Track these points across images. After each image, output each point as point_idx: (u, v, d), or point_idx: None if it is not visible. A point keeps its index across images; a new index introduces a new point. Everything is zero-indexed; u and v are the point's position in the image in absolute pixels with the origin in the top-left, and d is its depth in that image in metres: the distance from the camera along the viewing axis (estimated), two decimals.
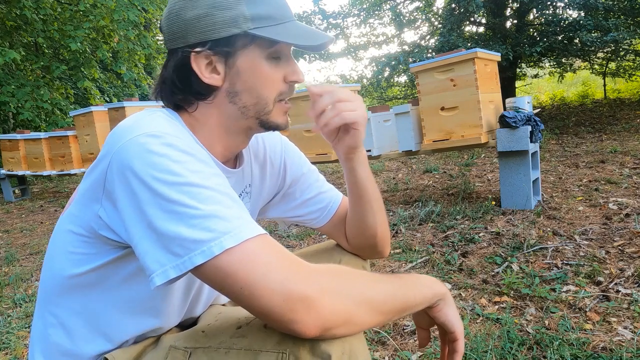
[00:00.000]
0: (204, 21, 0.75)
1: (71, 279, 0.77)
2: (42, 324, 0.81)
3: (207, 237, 0.62)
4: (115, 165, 0.67)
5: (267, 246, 0.65)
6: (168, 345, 0.78)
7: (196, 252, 0.62)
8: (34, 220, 4.63)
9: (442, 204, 3.30)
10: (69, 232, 0.77)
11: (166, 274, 0.63)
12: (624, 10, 7.37)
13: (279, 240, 2.99)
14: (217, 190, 0.66)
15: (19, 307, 2.27)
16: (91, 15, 7.62)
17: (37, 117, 7.52)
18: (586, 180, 3.57)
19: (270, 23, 0.76)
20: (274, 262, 0.63)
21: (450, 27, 7.44)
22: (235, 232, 0.63)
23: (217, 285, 0.65)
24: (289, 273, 0.63)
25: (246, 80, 0.78)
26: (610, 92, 10.14)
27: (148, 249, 0.64)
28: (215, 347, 0.75)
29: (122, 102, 4.77)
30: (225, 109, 0.80)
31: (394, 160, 5.78)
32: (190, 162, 0.66)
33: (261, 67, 0.78)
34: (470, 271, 2.14)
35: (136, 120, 0.71)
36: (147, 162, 0.65)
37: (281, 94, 0.81)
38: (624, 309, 1.66)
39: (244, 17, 0.74)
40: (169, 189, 0.64)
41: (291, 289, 0.61)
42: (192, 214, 0.63)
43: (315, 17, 9.63)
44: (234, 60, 0.77)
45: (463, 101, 3.03)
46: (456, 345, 0.81)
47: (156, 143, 0.66)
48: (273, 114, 0.81)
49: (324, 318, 0.62)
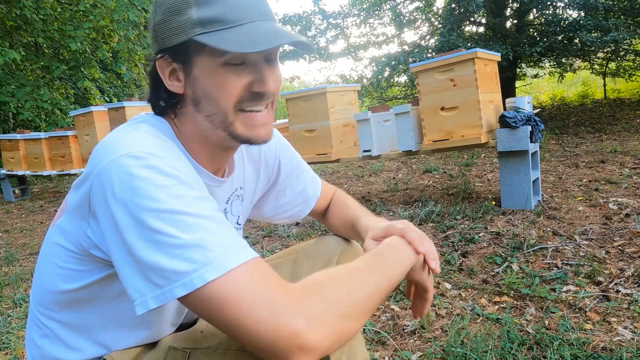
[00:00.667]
0: (162, 27, 0.73)
1: (63, 294, 0.76)
2: (36, 334, 0.80)
3: (188, 268, 0.59)
4: (96, 187, 0.65)
5: (252, 275, 0.61)
6: (167, 346, 0.78)
7: (177, 283, 0.59)
8: (34, 220, 4.63)
9: (442, 204, 3.30)
10: (58, 246, 0.75)
11: (146, 304, 0.61)
12: (624, 10, 7.36)
13: (279, 240, 2.99)
14: (200, 216, 0.63)
15: (19, 307, 2.27)
16: (91, 15, 7.62)
17: (37, 117, 7.52)
18: (586, 180, 3.57)
19: (218, 27, 0.69)
20: (258, 294, 0.59)
21: (450, 27, 7.44)
22: (218, 263, 0.60)
23: (202, 316, 0.62)
24: (275, 305, 0.59)
25: (203, 87, 0.73)
26: (610, 92, 10.14)
27: (129, 276, 0.62)
28: (214, 347, 0.75)
29: (122, 102, 4.78)
30: (195, 118, 0.76)
31: (394, 160, 5.78)
32: (173, 187, 0.63)
33: (216, 74, 0.71)
34: (470, 271, 2.14)
35: (119, 138, 0.68)
36: (127, 186, 0.62)
37: (240, 101, 0.73)
38: (624, 309, 1.66)
39: (191, 22, 0.69)
40: (149, 216, 0.61)
41: (279, 324, 0.58)
42: (172, 243, 0.60)
43: (315, 17, 9.64)
44: (190, 67, 0.73)
45: (463, 101, 3.03)
46: (426, 295, 0.88)
47: (138, 165, 0.63)
48: (236, 125, 0.74)
49: (316, 350, 0.60)
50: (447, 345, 1.52)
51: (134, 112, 4.78)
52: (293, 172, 1.05)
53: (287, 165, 1.04)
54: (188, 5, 0.69)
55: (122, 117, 4.73)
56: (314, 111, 3.70)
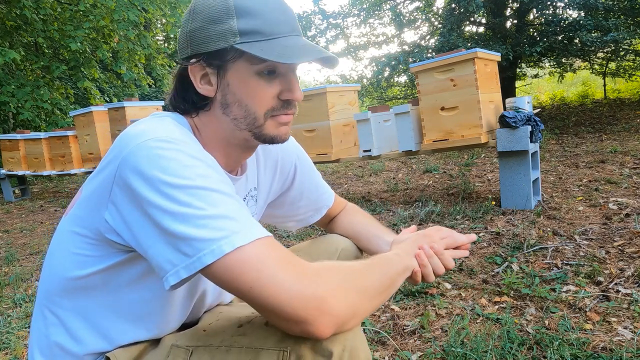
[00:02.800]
0: (199, 34, 0.77)
1: (74, 281, 0.77)
2: (43, 324, 0.81)
3: (218, 235, 0.63)
4: (124, 169, 0.68)
5: (275, 247, 0.66)
6: (169, 344, 0.78)
7: (205, 251, 0.63)
8: (34, 220, 4.63)
9: (442, 204, 3.30)
10: (73, 233, 0.77)
11: (178, 274, 0.64)
12: (624, 10, 7.36)
13: (279, 240, 2.99)
14: (225, 194, 0.68)
15: (19, 307, 2.27)
16: (91, 15, 7.62)
17: (37, 117, 7.51)
18: (586, 180, 3.57)
19: (258, 38, 0.75)
20: (283, 262, 0.64)
21: (450, 27, 7.44)
22: (245, 232, 0.64)
23: (227, 284, 0.65)
24: (299, 274, 0.64)
25: (235, 93, 0.78)
26: (610, 92, 10.13)
27: (159, 250, 0.65)
28: (217, 345, 0.76)
29: (122, 102, 4.78)
30: (221, 120, 0.81)
31: (394, 160, 5.78)
32: (199, 167, 0.68)
33: (250, 82, 0.77)
34: (470, 271, 2.14)
35: (146, 126, 0.72)
36: (156, 165, 0.66)
37: (272, 109, 0.79)
38: (624, 309, 1.66)
39: (232, 32, 0.75)
40: (178, 191, 0.65)
41: (303, 289, 0.63)
42: (201, 215, 0.64)
43: (315, 17, 9.63)
44: (224, 73, 0.78)
45: (463, 101, 3.03)
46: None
47: (166, 147, 0.67)
48: (265, 127, 0.80)
49: (337, 317, 0.64)
50: (447, 345, 1.52)
51: (134, 112, 4.78)
52: (310, 179, 1.09)
53: (304, 173, 1.07)
54: (230, 16, 0.75)
55: (122, 117, 4.73)
56: (314, 111, 3.70)
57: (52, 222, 4.44)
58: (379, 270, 0.75)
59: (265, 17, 0.76)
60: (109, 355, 0.78)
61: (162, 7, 8.56)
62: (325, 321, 0.63)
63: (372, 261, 0.78)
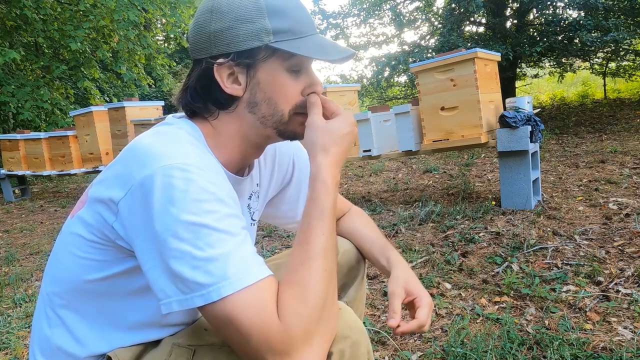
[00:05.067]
0: (227, 33, 0.77)
1: (82, 284, 0.77)
2: (46, 324, 0.81)
3: (208, 281, 0.64)
4: (137, 193, 0.68)
5: (264, 293, 0.66)
6: (171, 343, 0.78)
7: (196, 293, 0.65)
8: (34, 220, 4.63)
9: (442, 204, 3.30)
10: (79, 237, 0.77)
11: (170, 306, 0.66)
12: (624, 10, 7.37)
13: (279, 240, 2.99)
14: (227, 232, 0.67)
15: (19, 307, 2.27)
16: (91, 15, 7.61)
17: (37, 117, 7.51)
18: (586, 180, 3.57)
19: (290, 37, 0.78)
20: (266, 314, 0.65)
21: (450, 27, 7.44)
22: (234, 279, 0.65)
23: (214, 327, 0.69)
24: (269, 340, 0.65)
25: (265, 91, 0.80)
26: (610, 92, 10.14)
27: (156, 277, 0.67)
28: (219, 344, 0.76)
29: (122, 102, 4.78)
30: (245, 119, 0.82)
31: (394, 160, 5.78)
32: (207, 202, 0.67)
33: (281, 79, 0.80)
34: (470, 271, 2.14)
35: (163, 145, 0.72)
36: (167, 196, 0.66)
37: (297, 107, 0.82)
38: (624, 309, 1.66)
39: (265, 31, 0.76)
40: (181, 227, 0.65)
41: (275, 348, 0.65)
42: (197, 256, 0.65)
43: (316, 17, 9.63)
44: (254, 72, 0.79)
45: (463, 101, 3.03)
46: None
47: (180, 177, 0.67)
48: (289, 124, 0.83)
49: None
50: (447, 345, 1.52)
51: (134, 112, 4.78)
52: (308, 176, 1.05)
53: (302, 169, 1.05)
54: (262, 15, 0.77)
55: (122, 117, 4.73)
56: None
57: (52, 222, 4.44)
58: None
59: (294, 16, 0.79)
60: (109, 354, 0.78)
61: (162, 7, 8.55)
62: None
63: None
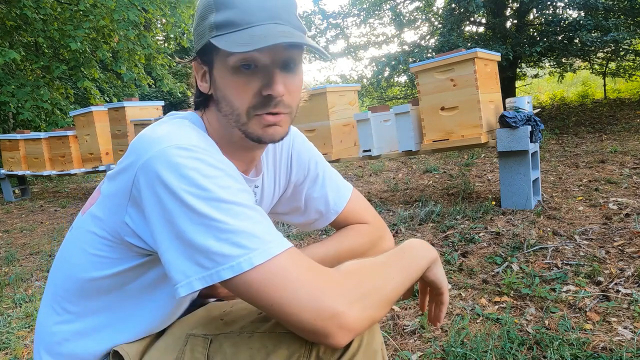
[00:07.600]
0: (195, 32, 0.78)
1: (91, 281, 0.78)
2: (52, 321, 0.81)
3: (236, 252, 0.63)
4: (144, 176, 0.67)
5: (295, 261, 0.66)
6: (184, 334, 0.79)
7: (224, 266, 0.63)
8: (34, 220, 4.63)
9: (442, 204, 3.30)
10: (91, 233, 0.77)
11: (191, 286, 0.64)
12: (624, 10, 7.36)
13: None
14: (246, 206, 0.67)
15: (19, 307, 2.27)
16: (91, 15, 7.61)
17: (37, 117, 7.51)
18: (586, 180, 3.57)
19: (230, 30, 0.71)
20: (302, 279, 0.64)
21: (450, 27, 7.44)
22: (264, 249, 0.64)
23: (246, 299, 0.66)
24: (317, 289, 0.64)
25: (220, 89, 0.76)
26: (610, 92, 10.13)
27: (173, 259, 0.65)
28: (237, 332, 0.76)
29: (122, 102, 4.78)
30: (218, 117, 0.80)
31: (394, 160, 5.78)
32: (219, 178, 0.67)
33: (227, 77, 0.74)
34: (470, 271, 2.14)
35: (165, 130, 0.72)
36: (177, 174, 0.65)
37: (254, 107, 0.74)
38: (624, 309, 1.66)
39: (210, 26, 0.73)
40: (199, 202, 0.64)
41: (321, 306, 0.63)
42: (221, 228, 0.64)
43: (315, 17, 9.64)
44: (212, 69, 0.77)
45: (463, 101, 3.03)
46: (442, 298, 0.85)
47: (186, 156, 0.66)
48: (250, 125, 0.76)
49: (354, 330, 0.65)
50: (447, 345, 1.52)
51: (134, 112, 4.78)
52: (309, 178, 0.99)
53: (300, 169, 0.98)
54: (211, 10, 0.73)
55: (122, 117, 4.73)
56: (314, 111, 3.70)
57: (52, 222, 4.44)
58: (399, 272, 0.74)
59: (241, 7, 0.71)
60: (116, 348, 0.78)
61: (162, 7, 8.55)
62: (342, 334, 0.64)
63: (395, 258, 0.76)
